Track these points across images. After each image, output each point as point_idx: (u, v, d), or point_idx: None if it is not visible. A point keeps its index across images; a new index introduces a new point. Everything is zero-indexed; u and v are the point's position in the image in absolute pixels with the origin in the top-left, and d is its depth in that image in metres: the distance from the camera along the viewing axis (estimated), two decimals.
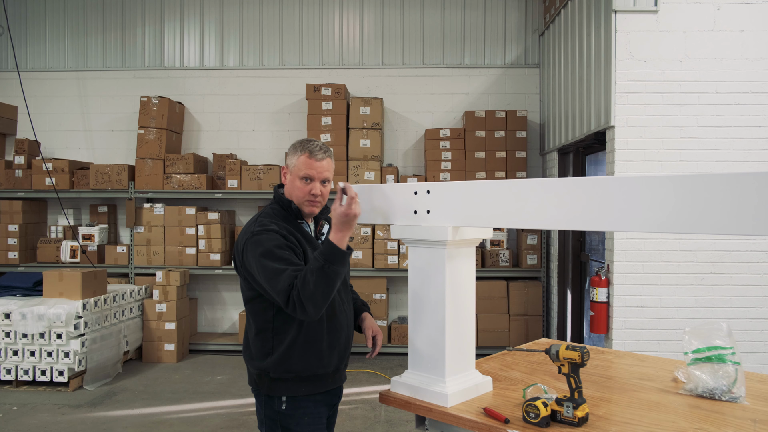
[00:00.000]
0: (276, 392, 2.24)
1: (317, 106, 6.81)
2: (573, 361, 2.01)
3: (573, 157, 6.18)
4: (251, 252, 2.17)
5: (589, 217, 1.86)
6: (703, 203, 1.63)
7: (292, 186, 2.30)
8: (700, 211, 1.64)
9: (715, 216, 1.62)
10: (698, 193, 1.64)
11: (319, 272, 2.03)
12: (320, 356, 2.26)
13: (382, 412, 4.83)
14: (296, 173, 2.28)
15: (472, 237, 2.28)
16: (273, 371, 2.23)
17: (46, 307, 5.34)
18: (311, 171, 2.27)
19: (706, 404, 2.19)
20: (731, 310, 4.68)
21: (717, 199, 1.61)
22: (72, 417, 4.74)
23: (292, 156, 2.30)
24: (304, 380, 2.25)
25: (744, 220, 1.57)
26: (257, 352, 2.26)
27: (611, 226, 1.85)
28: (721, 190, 1.61)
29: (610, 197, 1.79)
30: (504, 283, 6.67)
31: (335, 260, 2.06)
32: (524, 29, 7.25)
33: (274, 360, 2.22)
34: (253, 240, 2.18)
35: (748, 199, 1.56)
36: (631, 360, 2.83)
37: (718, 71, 4.65)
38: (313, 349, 2.25)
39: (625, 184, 1.78)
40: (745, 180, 1.58)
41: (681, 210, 1.67)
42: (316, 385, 2.28)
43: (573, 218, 1.91)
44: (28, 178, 6.98)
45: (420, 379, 2.28)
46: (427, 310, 2.27)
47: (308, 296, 2.02)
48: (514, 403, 2.21)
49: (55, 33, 7.58)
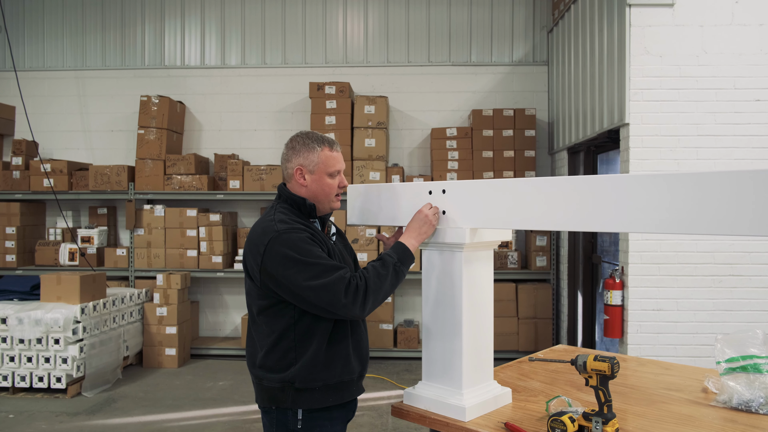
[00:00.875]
0: (302, 404, 2.04)
1: (321, 105, 6.67)
2: (602, 372, 1.86)
3: (584, 157, 6.03)
4: (280, 252, 1.96)
5: (633, 218, 1.70)
6: (697, 202, 1.57)
7: (319, 184, 2.14)
8: (695, 211, 1.58)
9: (709, 216, 1.56)
10: (692, 193, 1.58)
11: (392, 269, 2.01)
12: (347, 361, 2.10)
13: (389, 419, 4.68)
14: (323, 170, 2.13)
15: (491, 239, 2.14)
16: (299, 381, 2.02)
17: (43, 311, 5.21)
18: (339, 164, 2.17)
19: (742, 417, 2.04)
20: (751, 313, 4.52)
21: (712, 198, 1.55)
22: (69, 425, 4.60)
23: (309, 153, 2.13)
24: (330, 389, 2.07)
25: (740, 219, 1.51)
26: (276, 363, 2.05)
27: (660, 228, 1.69)
28: (716, 188, 1.54)
29: (661, 196, 1.64)
30: (513, 286, 6.52)
31: (406, 261, 2.07)
32: (532, 26, 7.11)
33: (299, 369, 2.02)
34: (280, 239, 1.98)
35: (745, 197, 1.49)
36: (655, 368, 2.69)
37: (737, 66, 4.50)
38: (339, 354, 2.08)
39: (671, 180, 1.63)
40: (741, 178, 1.50)
41: (677, 210, 1.62)
42: (343, 393, 2.10)
43: (610, 219, 1.75)
44: (26, 180, 6.85)
45: (435, 391, 2.14)
46: (443, 317, 2.12)
47: (375, 289, 1.96)
48: (537, 417, 2.06)
49: (54, 31, 7.45)
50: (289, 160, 2.17)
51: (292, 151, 2.16)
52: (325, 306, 1.94)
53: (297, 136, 2.19)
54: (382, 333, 6.53)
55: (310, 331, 2.03)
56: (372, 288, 1.96)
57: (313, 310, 1.98)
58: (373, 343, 6.54)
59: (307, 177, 2.14)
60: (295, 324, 2.03)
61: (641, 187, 1.67)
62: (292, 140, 2.18)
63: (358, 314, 1.96)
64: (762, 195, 1.47)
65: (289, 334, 2.04)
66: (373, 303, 1.97)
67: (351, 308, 1.94)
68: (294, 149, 2.15)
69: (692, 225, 1.59)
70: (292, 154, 2.16)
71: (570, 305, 6.32)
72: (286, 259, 1.95)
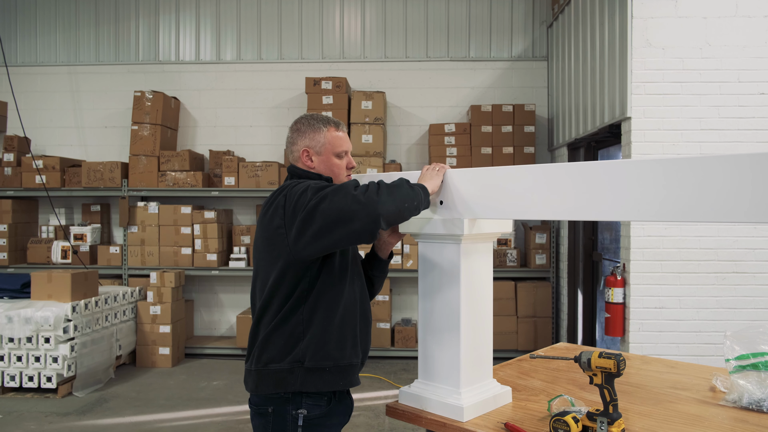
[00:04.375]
0: (311, 387, 1.90)
1: (317, 101, 6.57)
2: (607, 370, 1.77)
3: (584, 152, 5.95)
4: (297, 194, 1.86)
5: (630, 206, 1.61)
6: (694, 188, 1.50)
7: (326, 165, 2.06)
8: (693, 197, 1.51)
9: (707, 202, 1.48)
10: (688, 178, 1.51)
11: (407, 184, 1.88)
12: (354, 343, 2.00)
13: (386, 419, 4.59)
14: (330, 150, 2.05)
15: (491, 231, 2.04)
16: (309, 359, 1.89)
17: (33, 309, 5.10)
18: (347, 145, 2.10)
19: (753, 417, 1.95)
20: (754, 311, 4.43)
21: (709, 184, 1.47)
22: (59, 426, 4.50)
23: (315, 134, 2.05)
24: (341, 371, 1.95)
25: (738, 205, 1.44)
26: (284, 343, 1.90)
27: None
28: (713, 173, 1.47)
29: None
30: (512, 284, 6.42)
31: (422, 193, 1.91)
32: (531, 21, 7.01)
33: (307, 344, 1.89)
34: (296, 188, 1.88)
35: (743, 182, 1.42)
36: (660, 366, 2.59)
37: (741, 59, 4.40)
38: (348, 334, 1.97)
39: None
40: (739, 162, 1.43)
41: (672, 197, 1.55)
42: (351, 378, 1.99)
43: (608, 207, 1.66)
44: (17, 176, 6.74)
45: (432, 389, 2.05)
46: (440, 313, 2.03)
47: (388, 189, 1.81)
48: (538, 417, 1.97)
49: (46, 26, 7.34)
50: (294, 143, 2.09)
51: (297, 134, 2.08)
52: (337, 213, 1.75)
53: (302, 117, 2.11)
54: (379, 332, 6.44)
55: (320, 303, 1.92)
56: (384, 187, 1.81)
57: (327, 237, 1.79)
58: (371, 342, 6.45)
59: (314, 159, 2.06)
60: (307, 295, 1.92)
61: (638, 173, 1.59)
62: (296, 122, 2.11)
63: (378, 211, 1.74)
64: (760, 179, 1.39)
65: (298, 307, 1.91)
66: (389, 198, 1.78)
67: (368, 203, 1.75)
68: (299, 131, 2.08)
69: (689, 212, 1.51)
70: (298, 136, 2.08)
71: (570, 303, 6.23)
72: (303, 196, 1.84)
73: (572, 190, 1.71)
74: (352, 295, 2.01)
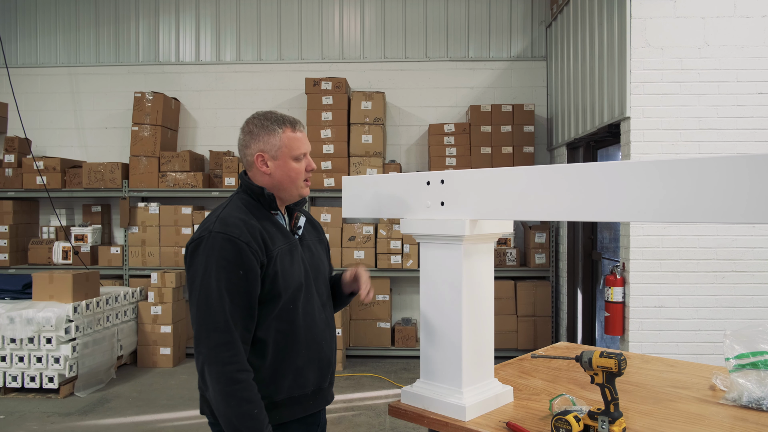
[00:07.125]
0: None
1: (317, 101, 6.58)
2: (608, 369, 1.78)
3: (583, 152, 5.96)
4: (202, 256, 1.76)
5: (627, 207, 1.63)
6: (691, 189, 1.51)
7: (284, 170, 1.90)
8: (690, 198, 1.52)
9: (704, 203, 1.49)
10: (686, 180, 1.52)
11: (240, 408, 1.70)
12: (297, 374, 1.88)
13: (387, 419, 4.60)
14: (287, 154, 1.89)
15: (492, 231, 2.05)
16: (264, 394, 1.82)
17: (35, 310, 5.11)
18: (305, 146, 1.93)
19: (753, 416, 1.96)
20: (753, 310, 4.45)
21: (707, 185, 1.48)
22: (61, 426, 4.52)
23: (269, 136, 1.88)
24: (279, 405, 1.86)
25: (735, 206, 1.45)
26: None
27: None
28: (710, 174, 1.48)
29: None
30: (511, 283, 6.44)
31: None
32: (530, 21, 7.03)
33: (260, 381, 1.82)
34: (208, 243, 1.76)
35: (740, 183, 1.43)
36: (660, 365, 2.61)
37: (739, 59, 4.42)
38: (288, 367, 1.86)
39: None
40: (736, 163, 1.44)
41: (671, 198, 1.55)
42: (294, 409, 1.89)
43: (605, 208, 1.68)
44: (18, 178, 6.75)
45: (433, 389, 2.06)
46: (441, 313, 2.04)
47: (218, 389, 1.69)
48: (540, 417, 1.99)
49: (46, 27, 7.35)
50: (247, 147, 1.91)
51: (250, 136, 1.90)
52: (194, 329, 1.75)
53: (254, 117, 1.93)
54: (379, 331, 6.46)
55: (265, 335, 1.83)
56: (218, 387, 1.70)
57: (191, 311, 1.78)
58: (371, 341, 6.47)
59: (270, 164, 1.90)
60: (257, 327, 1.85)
61: (635, 175, 1.61)
62: (248, 123, 1.93)
63: (199, 368, 1.73)
64: (757, 181, 1.40)
65: None
66: (211, 382, 1.70)
67: (202, 360, 1.71)
68: (252, 133, 1.90)
69: (687, 213, 1.52)
70: (250, 139, 1.90)
71: (570, 303, 6.25)
72: (200, 267, 1.75)
73: (563, 191, 1.74)
74: (289, 326, 1.88)
